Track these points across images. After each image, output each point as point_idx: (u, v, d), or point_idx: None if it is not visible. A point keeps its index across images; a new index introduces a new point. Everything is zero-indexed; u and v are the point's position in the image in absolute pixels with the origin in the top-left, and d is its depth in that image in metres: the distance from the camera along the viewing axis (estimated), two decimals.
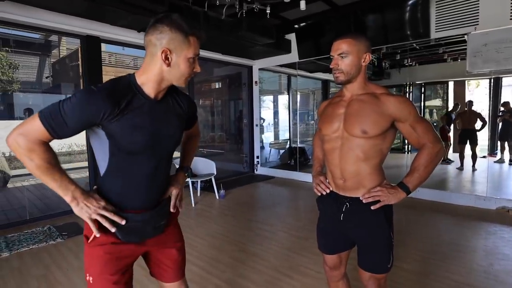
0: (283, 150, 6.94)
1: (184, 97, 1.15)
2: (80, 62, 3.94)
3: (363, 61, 1.24)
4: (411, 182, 1.21)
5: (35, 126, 0.88)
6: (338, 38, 1.26)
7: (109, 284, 1.01)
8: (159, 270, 1.20)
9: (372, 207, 1.22)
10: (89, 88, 0.92)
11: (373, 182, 1.25)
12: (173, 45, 0.93)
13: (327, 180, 1.38)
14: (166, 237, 1.16)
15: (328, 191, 1.35)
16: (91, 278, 1.02)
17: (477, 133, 4.85)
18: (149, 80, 0.98)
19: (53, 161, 0.93)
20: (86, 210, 0.95)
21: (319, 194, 1.39)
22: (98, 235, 0.98)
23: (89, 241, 1.02)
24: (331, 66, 1.27)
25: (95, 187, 1.05)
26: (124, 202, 1.02)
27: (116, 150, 0.97)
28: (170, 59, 0.94)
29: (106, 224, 0.97)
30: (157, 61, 0.95)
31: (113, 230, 0.98)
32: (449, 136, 5.36)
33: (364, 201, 1.23)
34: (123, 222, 0.98)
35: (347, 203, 1.28)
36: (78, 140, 5.20)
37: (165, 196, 1.15)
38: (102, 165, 1.01)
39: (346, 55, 1.22)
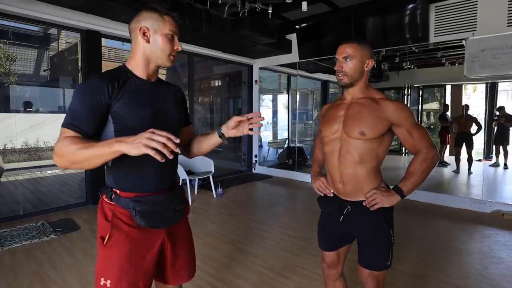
0: (281, 150, 6.95)
1: (174, 86, 1.21)
2: (79, 56, 3.89)
3: (366, 66, 1.29)
4: (406, 186, 1.25)
5: (61, 133, 0.92)
6: (344, 42, 1.30)
7: (131, 285, 0.99)
8: (170, 270, 1.15)
9: (371, 209, 1.26)
10: (85, 79, 0.98)
11: (370, 186, 1.28)
12: (149, 23, 1.02)
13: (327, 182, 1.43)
14: (181, 233, 1.17)
15: (329, 192, 1.39)
16: (108, 282, 0.98)
17: (473, 137, 4.90)
18: (137, 63, 1.05)
19: (84, 140, 0.89)
20: (138, 141, 0.81)
21: (321, 194, 1.42)
22: (177, 150, 0.86)
23: (105, 242, 0.98)
24: (335, 68, 1.31)
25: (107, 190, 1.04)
26: (138, 185, 1.02)
27: (121, 132, 0.96)
28: (148, 36, 1.02)
29: (164, 150, 0.81)
30: (139, 43, 1.04)
31: (171, 157, 0.83)
32: (448, 137, 5.39)
33: (368, 205, 1.28)
34: (178, 141, 0.83)
35: (348, 207, 1.32)
36: None
37: (176, 181, 1.18)
38: None
39: (351, 59, 1.26)
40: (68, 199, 4.22)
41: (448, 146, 5.42)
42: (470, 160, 4.99)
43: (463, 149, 5.08)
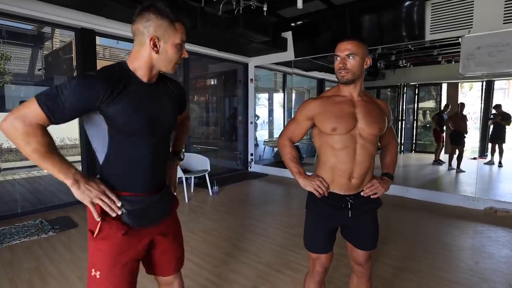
0: (277, 148, 6.93)
1: (173, 82, 1.19)
2: (74, 55, 3.90)
3: (365, 64, 1.30)
4: (392, 171, 1.47)
5: (33, 109, 0.87)
6: (344, 39, 1.29)
7: (118, 276, 1.02)
8: (161, 261, 1.19)
9: (372, 197, 1.38)
10: (86, 74, 0.93)
11: (371, 177, 1.40)
12: (160, 32, 0.97)
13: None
14: (169, 225, 1.19)
15: (327, 192, 1.35)
16: (98, 273, 1.01)
17: (465, 135, 4.93)
18: (140, 67, 1.01)
19: (51, 145, 0.92)
20: (87, 194, 0.95)
21: (320, 195, 1.35)
22: (98, 219, 0.98)
23: (94, 235, 1.00)
24: (339, 65, 1.29)
25: (97, 176, 1.05)
26: (129, 185, 1.04)
27: (115, 134, 0.98)
28: (158, 46, 0.98)
29: (107, 209, 0.97)
30: (146, 49, 0.98)
31: (113, 214, 0.98)
32: (442, 136, 5.43)
33: (365, 195, 1.37)
34: (119, 204, 0.98)
35: (350, 201, 1.35)
36: (71, 134, 5.15)
37: (167, 181, 1.21)
38: (101, 153, 1.01)
39: (354, 56, 1.26)
40: (65, 197, 4.23)
41: (443, 145, 5.45)
42: (459, 157, 5.02)
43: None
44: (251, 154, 6.41)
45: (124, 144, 1.00)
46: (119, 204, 0.99)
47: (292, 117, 1.63)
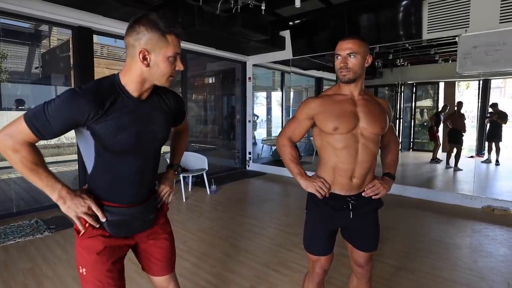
0: (276, 147, 6.93)
1: (171, 94, 1.15)
2: (71, 53, 3.87)
3: (366, 63, 1.28)
4: (394, 171, 1.45)
5: (21, 128, 0.90)
6: (346, 38, 1.27)
7: (103, 272, 1.03)
8: (149, 263, 1.21)
9: (374, 197, 1.36)
10: (73, 90, 0.92)
11: (372, 177, 1.38)
12: (150, 45, 0.93)
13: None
14: (155, 230, 1.18)
15: (328, 193, 1.34)
16: (84, 270, 1.03)
17: (463, 133, 4.95)
18: (131, 81, 0.98)
19: (38, 161, 0.95)
20: (73, 209, 0.98)
21: (321, 196, 1.33)
22: (83, 231, 1.01)
23: (80, 234, 1.03)
24: (340, 64, 1.26)
25: (85, 185, 1.07)
26: (113, 197, 1.05)
27: (101, 150, 0.99)
28: (148, 59, 0.94)
29: (91, 221, 1.00)
30: (137, 62, 0.95)
31: (97, 226, 1.02)
32: (438, 136, 5.45)
33: (367, 196, 1.35)
34: (104, 219, 1.01)
35: (352, 201, 1.34)
36: (68, 133, 5.11)
37: (157, 193, 1.20)
38: (89, 164, 1.03)
39: (355, 55, 1.24)
40: None
41: (440, 144, 5.47)
42: (457, 156, 5.04)
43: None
44: (249, 153, 6.41)
45: (110, 160, 1.01)
46: (103, 220, 1.02)
47: (291, 116, 1.61)
